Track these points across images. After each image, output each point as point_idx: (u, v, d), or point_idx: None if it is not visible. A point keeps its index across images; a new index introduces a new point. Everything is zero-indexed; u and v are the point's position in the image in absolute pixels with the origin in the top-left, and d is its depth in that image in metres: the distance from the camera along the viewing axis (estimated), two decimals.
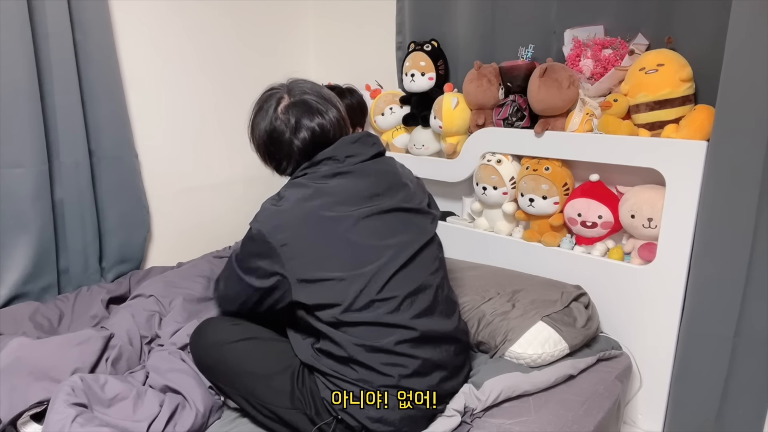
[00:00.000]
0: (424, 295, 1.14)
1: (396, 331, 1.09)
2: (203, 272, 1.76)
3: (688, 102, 1.42)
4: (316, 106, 1.22)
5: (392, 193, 1.20)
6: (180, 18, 2.05)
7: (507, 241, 1.78)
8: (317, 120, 1.21)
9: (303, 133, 1.20)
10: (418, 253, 1.16)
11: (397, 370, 1.08)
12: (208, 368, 1.25)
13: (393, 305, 1.10)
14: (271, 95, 1.26)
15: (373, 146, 1.25)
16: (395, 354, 1.09)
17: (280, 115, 1.21)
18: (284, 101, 1.23)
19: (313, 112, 1.21)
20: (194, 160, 2.19)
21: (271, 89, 1.28)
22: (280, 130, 1.21)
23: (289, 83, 1.28)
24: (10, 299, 1.67)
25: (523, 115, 1.68)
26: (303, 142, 1.20)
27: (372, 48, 2.27)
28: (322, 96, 1.25)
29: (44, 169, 1.67)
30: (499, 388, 1.22)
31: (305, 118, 1.20)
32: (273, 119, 1.22)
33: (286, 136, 1.21)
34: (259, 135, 1.25)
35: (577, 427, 1.20)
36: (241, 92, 2.30)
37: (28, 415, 1.13)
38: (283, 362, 1.17)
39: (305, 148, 1.21)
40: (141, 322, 1.49)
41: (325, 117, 1.22)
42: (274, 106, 1.23)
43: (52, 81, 1.67)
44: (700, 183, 1.34)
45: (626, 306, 1.52)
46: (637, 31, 1.51)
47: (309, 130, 1.20)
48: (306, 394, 1.12)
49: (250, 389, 1.16)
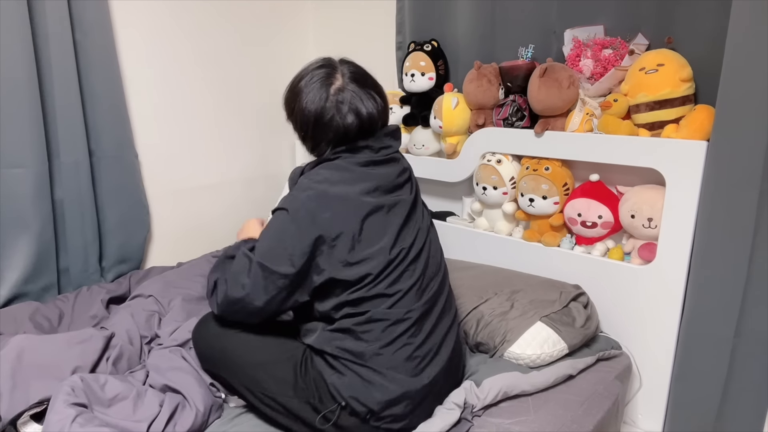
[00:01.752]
0: (430, 280, 1.18)
1: (410, 311, 1.12)
2: (203, 272, 1.76)
3: (688, 102, 1.42)
4: (369, 93, 1.17)
5: (404, 187, 1.22)
6: (180, 18, 2.05)
7: (507, 241, 1.77)
8: (370, 107, 1.16)
9: (353, 120, 1.14)
10: (430, 242, 1.21)
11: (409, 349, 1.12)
12: (211, 359, 1.25)
13: (413, 288, 1.13)
14: (323, 73, 1.17)
15: (399, 141, 1.25)
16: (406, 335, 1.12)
17: (331, 97, 1.14)
18: (337, 82, 1.15)
19: (365, 99, 1.15)
20: (194, 160, 2.19)
21: (321, 65, 1.19)
22: (330, 114, 1.14)
23: (340, 63, 1.21)
24: (10, 299, 1.67)
25: (523, 115, 1.68)
26: (352, 127, 1.15)
27: (372, 48, 2.27)
28: (373, 83, 1.21)
29: (44, 169, 1.67)
30: (498, 387, 1.22)
31: (360, 104, 1.14)
32: (324, 100, 1.14)
33: (336, 121, 1.14)
34: (305, 114, 1.16)
35: (577, 426, 1.20)
36: (241, 92, 2.30)
37: (28, 415, 1.13)
38: (285, 352, 1.18)
39: (350, 134, 1.15)
40: (141, 321, 1.49)
41: (376, 105, 1.17)
42: (327, 86, 1.15)
43: (52, 81, 1.67)
44: (700, 183, 1.34)
45: (626, 306, 1.52)
46: (637, 31, 1.51)
47: (360, 117, 1.15)
48: (309, 383, 1.12)
49: (253, 379, 1.16)
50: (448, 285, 1.27)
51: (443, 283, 1.23)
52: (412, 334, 1.12)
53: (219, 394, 1.25)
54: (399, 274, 1.12)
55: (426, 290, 1.16)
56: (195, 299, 1.61)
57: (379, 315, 1.10)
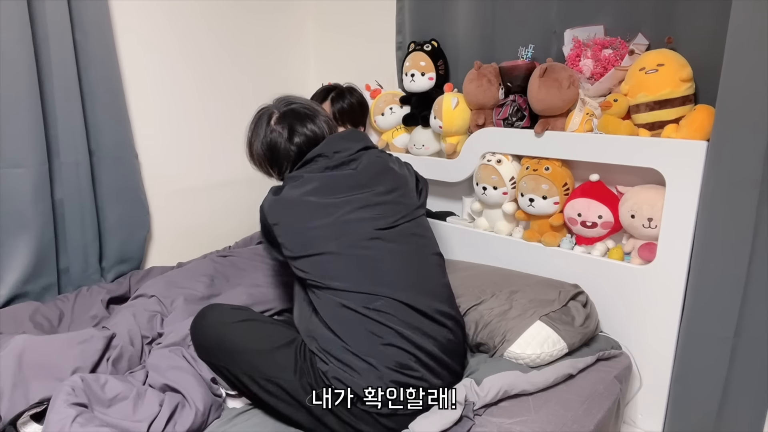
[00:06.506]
0: (408, 268, 1.23)
1: (380, 299, 1.16)
2: (205, 272, 1.76)
3: (688, 102, 1.41)
4: (304, 112, 1.37)
5: (378, 180, 1.30)
6: (180, 18, 2.05)
7: (507, 241, 1.78)
8: (309, 125, 1.35)
9: (297, 139, 1.34)
10: (401, 227, 1.26)
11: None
12: (210, 349, 1.26)
13: (376, 275, 1.19)
14: (261, 114, 1.40)
15: (359, 141, 1.37)
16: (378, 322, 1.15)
17: (274, 127, 1.36)
18: (275, 115, 1.37)
19: (303, 118, 1.36)
20: (194, 160, 2.19)
21: (260, 110, 1.42)
22: (276, 141, 1.35)
23: (274, 101, 1.43)
24: (10, 299, 1.67)
25: (523, 115, 1.68)
26: (299, 146, 1.34)
27: (372, 48, 2.27)
28: (307, 103, 1.41)
29: (44, 169, 1.67)
30: (498, 386, 1.22)
31: (297, 124, 1.35)
32: (268, 132, 1.36)
33: (283, 145, 1.34)
34: (258, 150, 1.39)
35: (577, 426, 1.20)
36: (241, 92, 2.30)
37: (28, 415, 1.13)
38: (284, 338, 1.22)
39: (301, 152, 1.34)
40: (142, 322, 1.49)
41: (316, 121, 1.36)
42: (267, 121, 1.37)
43: (52, 81, 1.67)
44: (700, 183, 1.34)
45: (626, 306, 1.52)
46: (637, 31, 1.51)
47: (302, 135, 1.34)
48: (307, 365, 1.15)
49: (253, 365, 1.18)
50: (434, 270, 1.31)
51: (425, 268, 1.28)
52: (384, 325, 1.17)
53: (219, 392, 1.25)
54: (356, 268, 1.20)
55: (400, 276, 1.22)
56: (197, 299, 1.60)
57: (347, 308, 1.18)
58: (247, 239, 2.20)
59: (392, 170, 1.35)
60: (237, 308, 1.35)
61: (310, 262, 1.21)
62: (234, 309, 1.33)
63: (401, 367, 1.12)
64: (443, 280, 1.32)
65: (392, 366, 1.12)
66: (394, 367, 1.12)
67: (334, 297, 1.17)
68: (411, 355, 1.14)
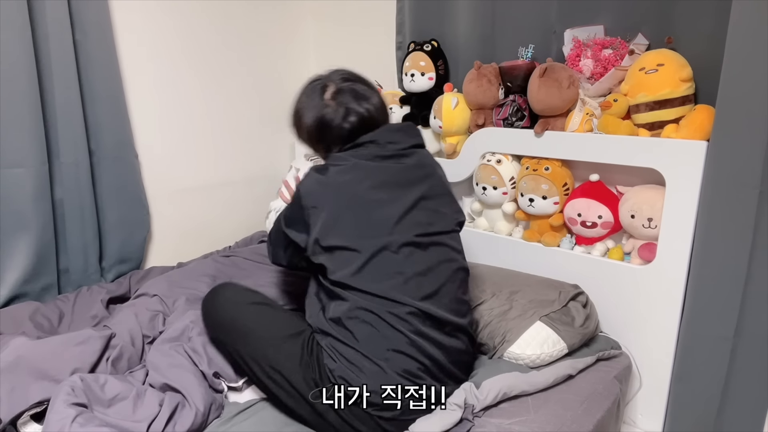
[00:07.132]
0: (433, 278, 1.18)
1: (401, 306, 1.13)
2: (208, 272, 1.75)
3: (688, 102, 1.41)
4: (362, 92, 1.27)
5: (425, 183, 1.25)
6: (180, 18, 2.05)
7: (507, 241, 1.77)
8: (365, 105, 1.26)
9: (352, 118, 1.25)
10: (434, 237, 1.21)
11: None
12: (221, 325, 1.26)
13: (400, 281, 1.14)
14: (314, 84, 1.30)
15: (414, 137, 1.31)
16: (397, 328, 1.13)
17: (328, 102, 1.25)
18: (330, 88, 1.27)
19: (360, 98, 1.26)
20: (194, 160, 2.19)
21: (313, 80, 1.32)
22: (329, 117, 1.25)
23: (330, 73, 1.32)
24: (10, 299, 1.67)
25: (523, 115, 1.68)
26: (352, 126, 1.25)
27: (372, 48, 2.27)
28: (365, 82, 1.31)
29: (44, 169, 1.67)
30: (497, 388, 1.22)
31: (353, 103, 1.25)
32: (321, 107, 1.26)
33: (336, 122, 1.25)
34: (308, 124, 1.28)
35: (577, 426, 1.20)
36: (241, 92, 2.30)
37: (28, 415, 1.13)
38: (294, 328, 1.20)
39: (353, 132, 1.25)
40: (144, 321, 1.48)
41: (371, 102, 1.27)
42: (320, 93, 1.27)
43: (52, 81, 1.67)
44: (700, 183, 1.34)
45: (626, 306, 1.52)
46: (637, 31, 1.51)
47: (357, 114, 1.25)
48: (313, 360, 1.14)
49: (260, 351, 1.18)
50: (456, 287, 1.26)
51: (446, 284, 1.22)
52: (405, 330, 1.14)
53: (221, 386, 1.25)
54: (383, 270, 1.15)
55: (423, 285, 1.17)
56: (199, 299, 1.59)
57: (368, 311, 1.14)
58: (248, 239, 2.20)
59: (438, 176, 1.31)
60: (250, 290, 1.34)
61: (334, 257, 1.15)
62: (247, 290, 1.33)
63: (409, 374, 1.12)
64: (465, 297, 1.28)
65: (399, 372, 1.11)
66: (401, 372, 1.11)
67: (353, 296, 1.14)
68: (420, 364, 1.13)
